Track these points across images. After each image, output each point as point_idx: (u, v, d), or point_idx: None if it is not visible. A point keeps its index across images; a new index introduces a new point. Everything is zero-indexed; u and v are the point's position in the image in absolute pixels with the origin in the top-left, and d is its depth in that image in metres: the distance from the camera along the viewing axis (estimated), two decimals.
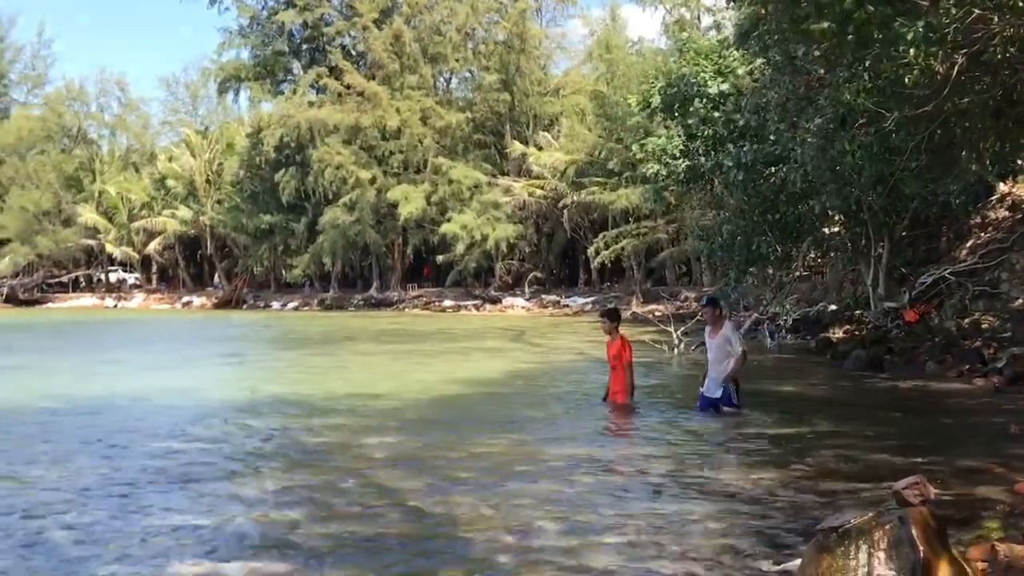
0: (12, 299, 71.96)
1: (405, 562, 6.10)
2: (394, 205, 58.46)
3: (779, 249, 24.08)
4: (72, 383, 17.17)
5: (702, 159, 24.27)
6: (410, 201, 57.74)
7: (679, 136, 25.25)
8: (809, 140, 16.61)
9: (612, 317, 13.31)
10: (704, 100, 23.90)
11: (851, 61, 12.61)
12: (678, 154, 24.82)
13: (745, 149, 21.91)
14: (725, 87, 23.71)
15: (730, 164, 22.09)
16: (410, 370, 19.61)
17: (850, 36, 11.54)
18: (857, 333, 23.00)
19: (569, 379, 17.60)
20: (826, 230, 25.70)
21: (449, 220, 57.24)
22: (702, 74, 24.08)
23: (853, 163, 16.24)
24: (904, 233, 23.88)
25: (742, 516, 6.96)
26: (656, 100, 25.57)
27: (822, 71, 14.98)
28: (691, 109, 24.14)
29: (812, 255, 28.26)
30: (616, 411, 12.55)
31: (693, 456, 9.38)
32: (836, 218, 24.80)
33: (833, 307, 27.38)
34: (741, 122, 22.81)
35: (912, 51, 11.04)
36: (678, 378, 18.41)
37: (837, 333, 23.94)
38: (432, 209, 58.73)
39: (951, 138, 16.03)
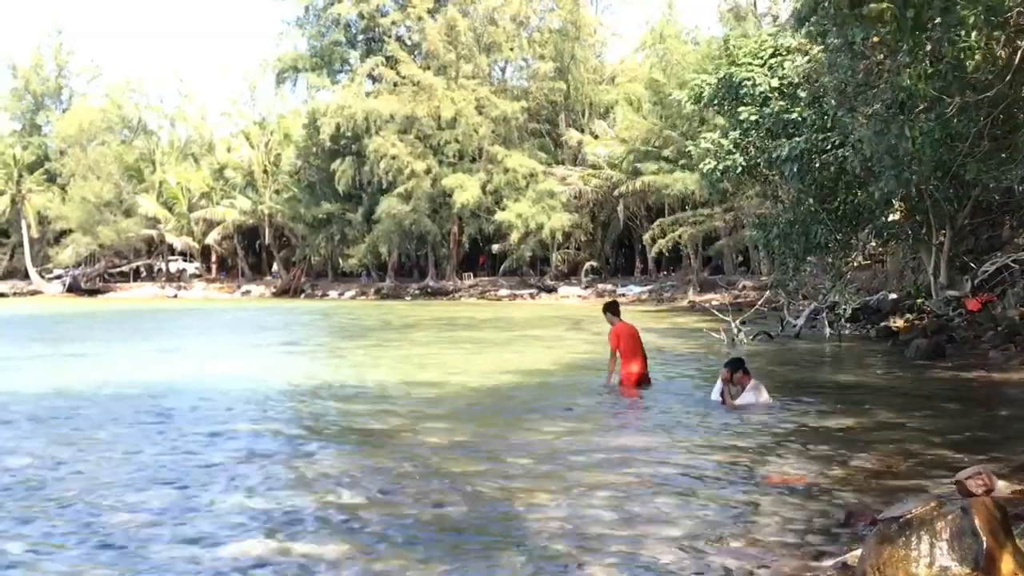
0: (74, 289, 73.25)
1: (462, 547, 6.11)
2: (449, 194, 58.65)
3: (837, 237, 23.82)
4: (134, 370, 17.43)
5: (754, 152, 24.06)
6: (465, 189, 57.89)
7: (732, 130, 25.00)
8: (867, 124, 16.41)
9: (604, 310, 14.82)
10: (753, 98, 23.67)
11: (911, 46, 12.44)
12: (733, 148, 24.59)
13: (797, 141, 21.69)
14: (775, 83, 23.44)
15: (783, 156, 21.87)
16: (466, 358, 19.66)
17: (909, 19, 11.37)
18: (918, 322, 22.72)
19: None
20: (887, 218, 25.37)
21: (504, 209, 57.27)
22: (749, 73, 23.80)
23: (913, 149, 16.01)
24: (966, 221, 23.53)
25: (801, 507, 6.89)
26: (707, 93, 25.38)
27: (881, 56, 14.80)
28: (739, 109, 23.92)
29: (872, 244, 27.93)
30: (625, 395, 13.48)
31: (751, 447, 9.30)
32: (896, 206, 24.49)
33: (894, 296, 27.04)
34: (794, 115, 22.57)
35: (974, 35, 10.88)
36: None
37: (898, 322, 23.65)
38: (488, 198, 58.83)
39: (1014, 123, 15.79)
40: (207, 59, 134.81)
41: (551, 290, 56.23)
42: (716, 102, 25.37)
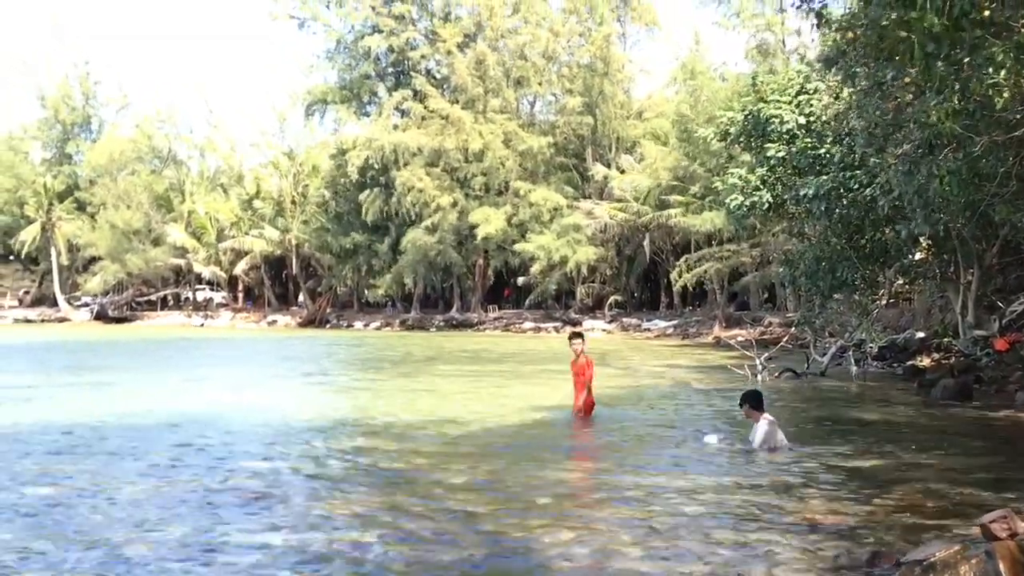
0: (102, 316, 73.74)
1: None
2: (475, 227, 58.76)
3: (864, 275, 23.73)
4: (159, 400, 17.51)
5: (780, 189, 24.04)
6: (490, 222, 57.97)
7: (760, 167, 25.00)
8: (895, 164, 16.37)
9: (574, 337, 15.19)
10: (780, 135, 23.70)
11: (940, 85, 12.42)
12: (760, 184, 24.58)
13: (824, 179, 21.66)
14: (802, 120, 23.47)
15: (810, 194, 21.83)
16: (489, 393, 19.65)
17: (940, 62, 11.37)
18: (945, 361, 22.57)
19: (648, 404, 17.49)
20: (914, 256, 25.25)
21: (528, 241, 57.30)
22: (777, 111, 23.86)
23: (940, 188, 15.95)
24: (994, 260, 23.39)
25: (824, 548, 6.87)
26: (734, 130, 25.46)
27: (910, 96, 14.78)
28: (766, 145, 23.97)
29: (899, 282, 27.81)
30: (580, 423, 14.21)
31: (774, 486, 9.26)
32: (923, 244, 24.39)
33: (921, 335, 26.90)
34: (822, 151, 22.56)
35: (1003, 74, 10.86)
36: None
37: (925, 361, 23.51)
38: (513, 231, 58.87)
39: None
40: (238, 88, 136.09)
41: (576, 323, 56.11)
42: (743, 139, 25.42)
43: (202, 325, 68.69)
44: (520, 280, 61.33)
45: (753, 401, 11.85)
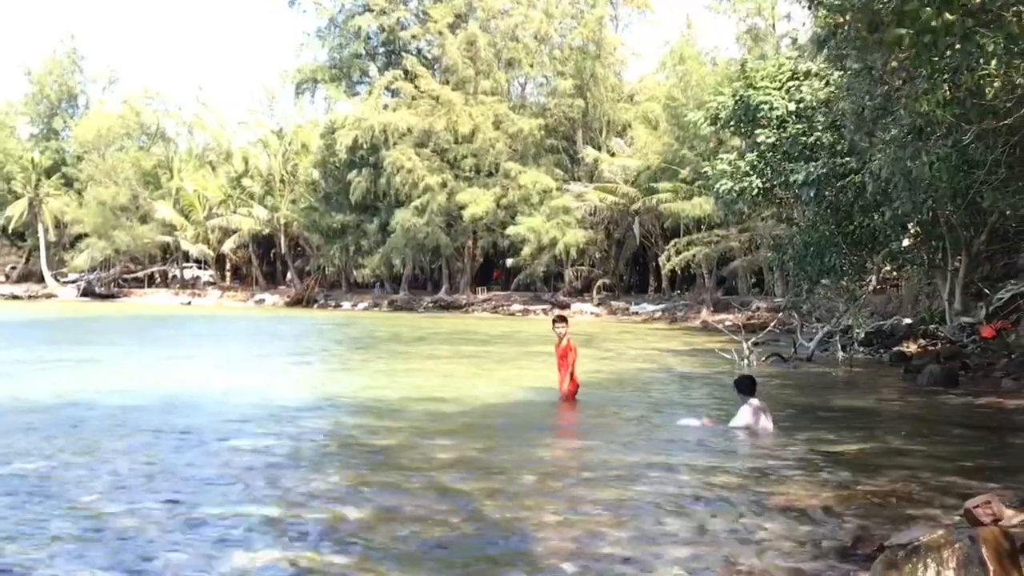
0: (89, 293, 73.63)
1: (467, 565, 6.11)
2: (464, 207, 58.63)
3: (852, 261, 23.77)
4: (145, 378, 17.50)
5: (770, 175, 24.03)
6: (478, 203, 57.85)
7: (749, 152, 24.98)
8: (884, 149, 16.39)
9: (559, 320, 15.04)
10: (770, 121, 23.68)
11: (930, 72, 12.42)
12: (749, 170, 24.56)
13: (815, 165, 21.67)
14: (792, 107, 23.44)
15: (800, 180, 21.85)
16: (477, 373, 19.66)
17: (928, 46, 11.37)
18: (932, 348, 22.64)
19: (635, 387, 17.52)
20: (903, 242, 25.30)
21: (519, 224, 57.22)
22: (767, 97, 23.84)
23: (929, 174, 15.96)
24: (982, 247, 23.45)
25: (808, 532, 6.87)
26: (723, 115, 25.41)
27: (900, 81, 14.79)
28: (756, 131, 23.95)
29: (887, 268, 27.86)
30: (564, 406, 14.14)
31: (759, 471, 9.27)
32: (912, 231, 24.43)
33: (908, 321, 26.97)
34: (812, 139, 22.55)
35: (993, 63, 10.87)
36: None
37: (911, 347, 23.57)
38: (502, 212, 58.75)
39: None
40: (227, 66, 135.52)
41: (564, 306, 56.07)
42: (733, 124, 25.39)
43: (189, 303, 68.56)
44: (509, 262, 61.27)
45: (743, 386, 11.92)
